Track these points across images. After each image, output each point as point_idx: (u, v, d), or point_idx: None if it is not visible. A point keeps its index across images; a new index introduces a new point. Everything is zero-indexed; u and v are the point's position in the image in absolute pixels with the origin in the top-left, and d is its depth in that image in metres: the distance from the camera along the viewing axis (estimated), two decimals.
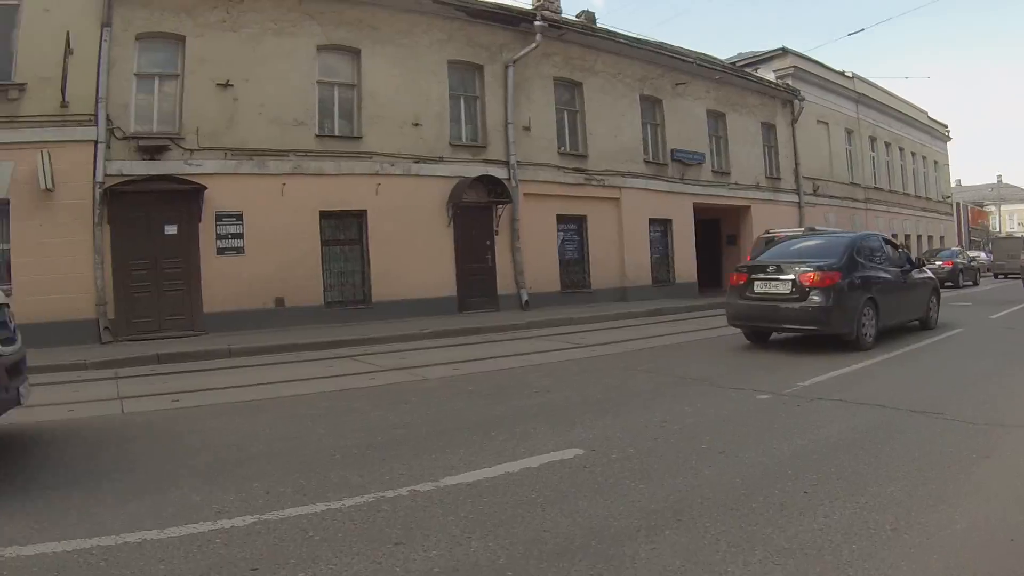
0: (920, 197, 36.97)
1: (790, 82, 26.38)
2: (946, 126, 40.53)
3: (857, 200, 29.98)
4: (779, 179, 25.66)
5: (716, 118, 23.20)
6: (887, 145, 33.48)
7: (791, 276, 9.23)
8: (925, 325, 11.39)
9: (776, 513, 3.50)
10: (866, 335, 9.25)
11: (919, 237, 35.74)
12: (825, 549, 3.07)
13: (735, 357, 9.38)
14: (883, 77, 78.71)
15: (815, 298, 8.95)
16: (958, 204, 45.41)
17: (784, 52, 26.77)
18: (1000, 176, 66.84)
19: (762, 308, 9.51)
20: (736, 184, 23.52)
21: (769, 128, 25.49)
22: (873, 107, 32.00)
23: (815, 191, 27.00)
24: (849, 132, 30.25)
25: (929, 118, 38.41)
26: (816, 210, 26.84)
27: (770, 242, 15.15)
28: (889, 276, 10.24)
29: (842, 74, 30.06)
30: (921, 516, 3.44)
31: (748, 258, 15.62)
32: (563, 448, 4.70)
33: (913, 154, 36.38)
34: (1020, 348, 9.46)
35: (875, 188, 31.77)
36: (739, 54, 28.20)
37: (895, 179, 34.10)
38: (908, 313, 10.91)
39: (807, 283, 9.02)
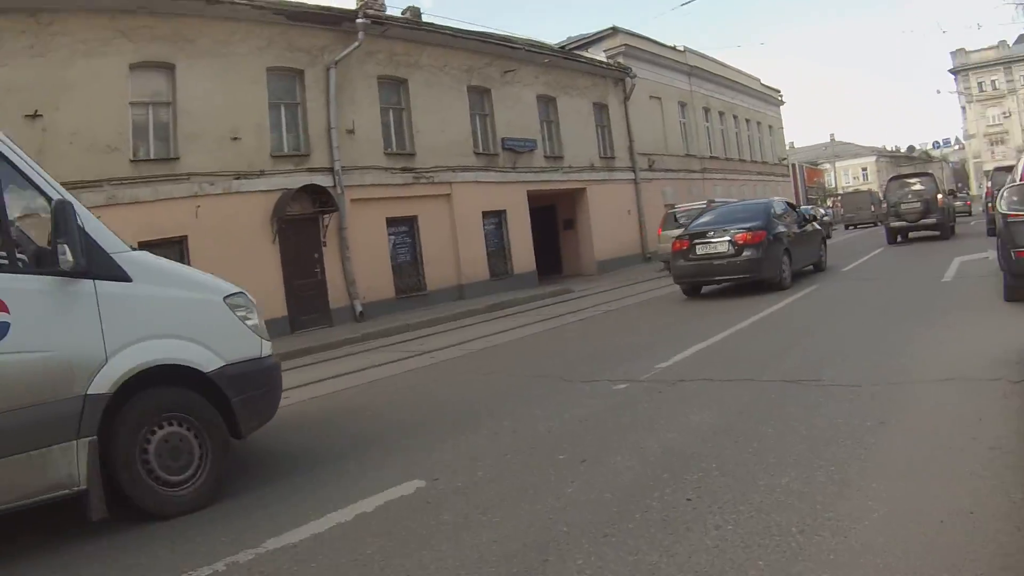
0: (756, 161, 41.69)
1: (621, 60, 29.26)
2: (779, 91, 45.57)
3: (693, 171, 33.65)
4: (613, 158, 28.56)
5: (547, 103, 25.67)
6: (721, 114, 37.51)
7: (728, 237, 12.76)
8: (818, 268, 15.69)
9: (659, 532, 3.32)
10: (786, 278, 13.10)
11: None
12: (727, 572, 2.90)
13: (584, 346, 10.06)
14: (717, 48, 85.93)
15: (748, 253, 12.55)
16: (794, 165, 51.03)
17: (615, 31, 29.58)
18: (833, 135, 76.17)
19: (704, 266, 13.08)
20: (570, 167, 26.12)
21: (601, 108, 28.30)
22: (706, 78, 35.77)
23: (651, 166, 30.22)
24: (683, 105, 33.76)
25: (762, 85, 43.12)
26: (653, 185, 30.19)
27: (675, 217, 20.65)
28: (794, 231, 14.22)
29: (674, 48, 33.44)
30: (829, 508, 3.34)
31: (660, 232, 21.69)
32: (402, 482, 4.49)
33: (747, 121, 40.85)
34: (878, 299, 10.64)
35: (711, 157, 35.67)
36: (568, 37, 30.74)
37: (731, 146, 38.30)
38: (808, 259, 15.06)
39: (741, 241, 12.59)
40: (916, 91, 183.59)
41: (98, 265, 4.32)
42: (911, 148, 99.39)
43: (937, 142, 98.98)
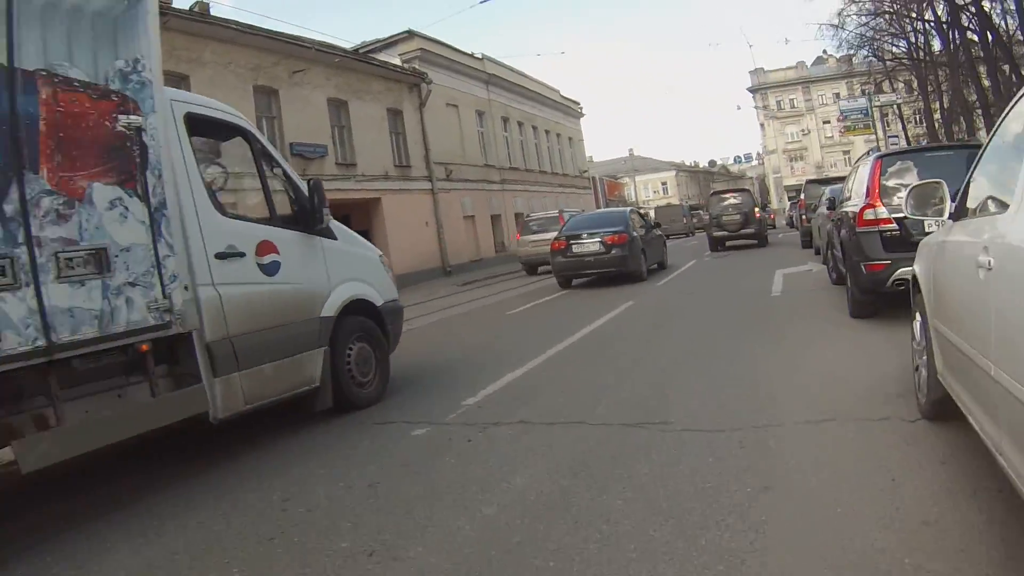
0: (557, 174, 45.45)
1: (417, 66, 31.51)
2: (579, 103, 50.15)
3: (493, 182, 36.45)
4: (409, 167, 30.50)
5: (338, 107, 27.49)
6: (520, 125, 40.87)
7: (599, 238, 17.19)
8: (662, 266, 20.33)
9: None
10: (644, 271, 17.78)
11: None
12: None
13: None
14: (515, 56, 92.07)
15: (616, 251, 17.03)
16: (594, 178, 55.48)
17: (410, 35, 31.86)
18: (632, 149, 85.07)
19: (578, 261, 17.58)
20: (363, 176, 27.97)
21: (396, 114, 30.25)
22: (505, 87, 39.04)
23: (448, 176, 32.52)
24: (480, 114, 36.55)
25: (562, 96, 47.40)
26: (451, 195, 32.62)
27: (529, 225, 26.09)
28: (645, 234, 18.78)
29: (472, 56, 36.13)
30: None
31: (518, 237, 27.03)
32: None
33: (547, 132, 44.71)
34: (711, 314, 10.77)
35: (511, 168, 38.72)
36: (363, 42, 32.55)
37: (530, 158, 41.61)
38: (656, 257, 19.75)
39: (610, 241, 17.05)
40: (718, 107, 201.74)
41: (313, 222, 6.64)
42: (712, 163, 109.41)
43: (738, 157, 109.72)
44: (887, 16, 33.37)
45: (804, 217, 23.09)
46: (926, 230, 7.37)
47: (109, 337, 4.55)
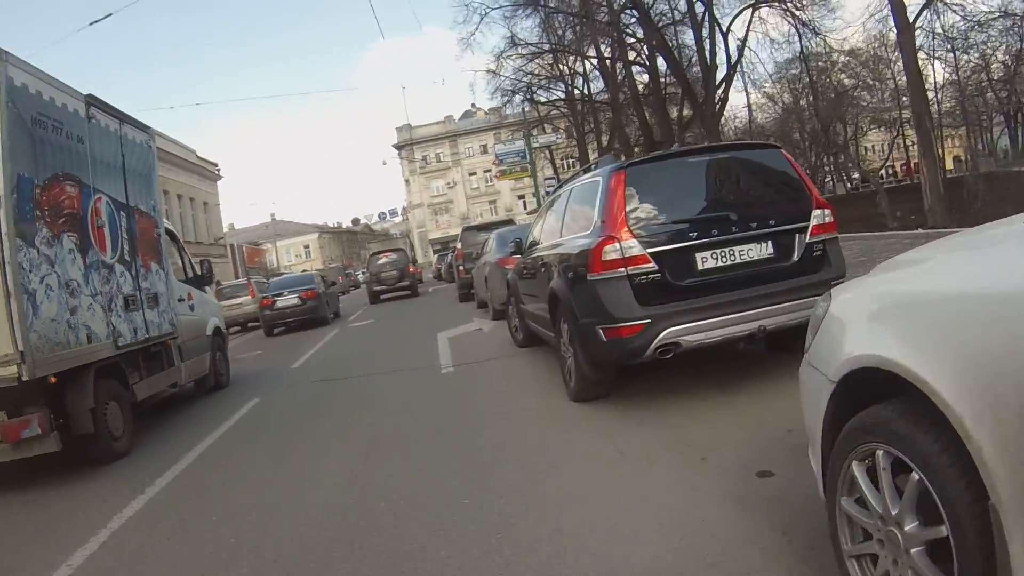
0: (191, 242, 40.74)
1: None
2: (216, 164, 45.90)
3: None
4: None
5: None
6: None
7: (296, 294, 21.94)
8: (337, 315, 25.31)
9: None
10: (328, 317, 23.22)
11: None
12: None
13: None
14: (148, 110, 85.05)
15: (310, 303, 21.94)
16: (232, 245, 51.34)
17: None
18: (274, 215, 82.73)
19: (282, 313, 22.02)
20: None
21: None
22: None
23: None
24: None
25: (199, 157, 42.99)
26: None
27: (222, 291, 27.14)
28: (326, 290, 24.51)
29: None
30: None
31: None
32: None
33: (180, 197, 40.30)
34: (356, 435, 6.73)
35: None
36: None
37: None
38: (333, 308, 25.17)
39: (305, 296, 21.92)
40: (362, 165, 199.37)
41: (204, 284, 11.79)
42: (355, 221, 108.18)
43: (383, 213, 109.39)
44: (546, 58, 33.17)
45: (462, 268, 20.85)
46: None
47: (162, 335, 8.91)
